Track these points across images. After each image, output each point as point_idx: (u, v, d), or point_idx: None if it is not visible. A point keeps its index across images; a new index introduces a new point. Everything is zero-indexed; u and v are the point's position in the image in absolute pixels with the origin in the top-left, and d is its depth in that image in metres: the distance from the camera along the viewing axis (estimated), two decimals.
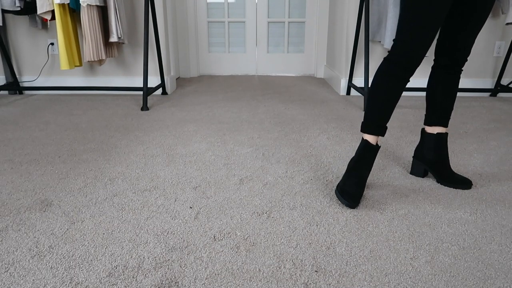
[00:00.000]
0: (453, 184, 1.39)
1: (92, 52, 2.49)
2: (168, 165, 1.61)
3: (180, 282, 0.90)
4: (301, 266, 0.96)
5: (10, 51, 3.02)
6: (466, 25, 1.29)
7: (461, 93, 3.04)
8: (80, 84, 3.09)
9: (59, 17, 2.42)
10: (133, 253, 1.01)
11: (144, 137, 1.96)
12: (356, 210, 1.24)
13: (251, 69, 4.07)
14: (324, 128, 2.13)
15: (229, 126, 2.15)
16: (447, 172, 1.42)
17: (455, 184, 1.39)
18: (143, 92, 2.55)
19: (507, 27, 2.92)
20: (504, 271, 0.95)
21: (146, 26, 2.57)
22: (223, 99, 2.87)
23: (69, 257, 0.99)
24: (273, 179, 1.47)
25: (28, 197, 1.32)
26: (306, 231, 1.12)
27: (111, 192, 1.36)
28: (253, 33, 3.95)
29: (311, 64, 4.03)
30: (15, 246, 1.04)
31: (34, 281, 0.90)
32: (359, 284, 0.90)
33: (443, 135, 1.42)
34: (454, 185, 1.39)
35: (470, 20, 1.28)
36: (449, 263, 0.98)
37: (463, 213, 1.22)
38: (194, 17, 3.83)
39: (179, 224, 1.15)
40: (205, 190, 1.38)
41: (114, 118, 2.32)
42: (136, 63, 3.05)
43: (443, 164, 1.43)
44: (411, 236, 1.09)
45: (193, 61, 3.95)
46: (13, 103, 2.71)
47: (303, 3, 3.84)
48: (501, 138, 1.97)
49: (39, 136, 1.98)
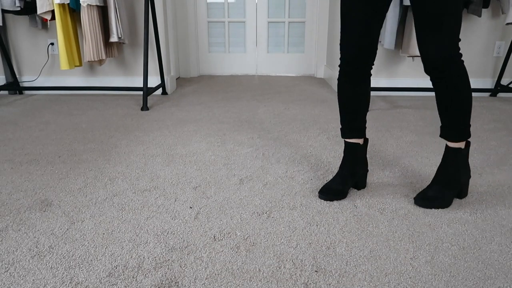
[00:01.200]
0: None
1: (92, 52, 2.49)
2: (168, 165, 1.61)
3: (180, 282, 0.90)
4: (301, 266, 0.96)
5: (10, 51, 3.02)
6: (417, 22, 1.14)
7: None
8: (80, 84, 3.09)
9: (59, 17, 2.42)
10: (133, 253, 1.01)
11: (144, 137, 1.96)
12: (356, 210, 1.24)
13: (251, 69, 4.07)
14: (324, 128, 2.13)
15: (229, 126, 2.15)
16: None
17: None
18: (143, 92, 2.55)
19: (507, 27, 2.92)
20: (504, 271, 0.95)
21: (146, 26, 2.57)
22: (223, 99, 2.87)
23: (69, 257, 0.99)
24: (273, 179, 1.47)
25: (28, 197, 1.32)
26: (306, 231, 1.12)
27: (111, 192, 1.36)
28: (253, 33, 3.95)
29: (311, 64, 4.03)
30: (15, 246, 1.04)
31: (34, 281, 0.90)
32: (359, 284, 0.90)
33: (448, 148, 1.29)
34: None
35: (419, 16, 1.13)
36: (449, 263, 0.98)
37: (463, 213, 1.22)
38: (194, 17, 3.83)
39: (179, 224, 1.15)
40: (205, 190, 1.38)
41: (114, 118, 2.32)
42: (136, 63, 3.05)
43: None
44: (411, 236, 1.09)
45: (193, 61, 3.95)
46: (13, 103, 2.71)
47: (303, 3, 3.84)
48: (501, 138, 1.97)
49: (39, 136, 1.98)
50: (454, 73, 1.15)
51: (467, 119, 1.21)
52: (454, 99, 1.18)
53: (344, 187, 1.32)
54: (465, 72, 1.17)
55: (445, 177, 1.27)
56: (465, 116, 1.21)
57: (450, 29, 1.09)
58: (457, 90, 1.17)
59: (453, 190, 1.26)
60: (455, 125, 1.22)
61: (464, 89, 1.17)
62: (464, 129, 1.22)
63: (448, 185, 1.26)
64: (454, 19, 1.09)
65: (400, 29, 2.67)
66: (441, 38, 1.10)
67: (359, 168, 1.36)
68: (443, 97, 1.20)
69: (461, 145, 1.25)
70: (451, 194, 1.26)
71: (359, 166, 1.36)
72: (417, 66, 3.01)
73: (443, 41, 1.10)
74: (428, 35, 1.11)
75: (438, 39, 1.10)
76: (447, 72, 1.15)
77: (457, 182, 1.26)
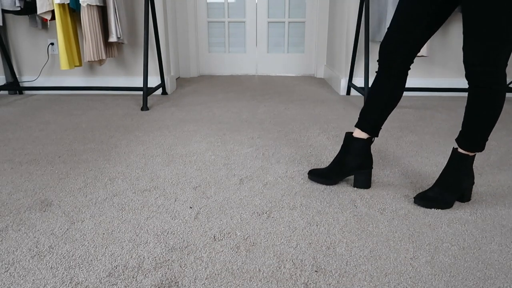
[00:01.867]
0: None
1: (92, 52, 2.49)
2: (168, 165, 1.61)
3: (180, 282, 0.91)
4: (301, 266, 0.96)
5: (10, 51, 3.02)
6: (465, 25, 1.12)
7: (461, 93, 3.03)
8: (80, 84, 3.09)
9: (59, 17, 2.42)
10: (133, 253, 1.01)
11: (144, 137, 1.96)
12: (356, 210, 1.24)
13: (251, 69, 4.07)
14: (324, 128, 2.13)
15: (229, 126, 2.15)
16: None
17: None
18: (143, 92, 2.55)
19: None
20: (504, 271, 0.95)
21: (146, 26, 2.57)
22: (223, 99, 2.87)
23: (69, 257, 0.99)
24: (273, 179, 1.47)
25: (28, 197, 1.32)
26: (306, 231, 1.12)
27: (111, 192, 1.36)
28: (253, 33, 3.95)
29: (311, 64, 4.03)
30: (15, 246, 1.04)
31: (34, 281, 0.90)
32: (359, 284, 0.90)
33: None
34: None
35: (465, 23, 1.11)
36: (449, 263, 0.98)
37: (463, 213, 1.22)
38: (194, 17, 3.83)
39: (179, 224, 1.15)
40: (205, 190, 1.38)
41: (114, 118, 2.32)
42: (136, 63, 3.05)
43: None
44: (411, 236, 1.09)
45: (193, 61, 3.95)
46: (13, 103, 2.71)
47: (303, 3, 3.84)
48: (501, 138, 1.97)
49: (39, 136, 1.98)
50: (488, 86, 1.13)
51: (486, 134, 1.21)
52: (480, 112, 1.18)
53: (329, 172, 1.40)
54: (502, 89, 1.14)
55: (447, 180, 1.27)
56: (485, 131, 1.20)
57: (495, 43, 1.07)
58: (486, 104, 1.16)
59: (454, 194, 1.26)
60: (472, 136, 1.21)
61: (493, 106, 1.16)
62: (479, 142, 1.21)
63: (449, 188, 1.26)
64: (506, 34, 1.06)
65: None
66: (484, 49, 1.08)
67: (350, 160, 1.38)
68: (471, 105, 1.19)
69: (469, 152, 1.24)
70: (451, 197, 1.25)
71: (349, 156, 1.39)
72: (417, 66, 3.01)
73: (486, 54, 1.09)
74: (472, 42, 1.10)
75: (480, 49, 1.09)
76: (482, 83, 1.14)
77: (459, 186, 1.26)
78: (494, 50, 1.08)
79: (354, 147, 1.37)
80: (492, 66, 1.10)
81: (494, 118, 1.18)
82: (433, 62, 3.00)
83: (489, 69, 1.10)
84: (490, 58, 1.09)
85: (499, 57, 1.09)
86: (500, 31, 1.05)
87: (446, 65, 3.00)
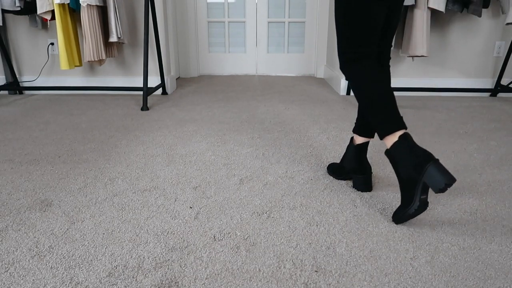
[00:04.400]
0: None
1: (92, 52, 2.49)
2: (168, 165, 1.61)
3: (180, 282, 0.91)
4: (301, 266, 0.96)
5: (10, 51, 3.02)
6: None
7: (461, 93, 3.04)
8: (80, 84, 3.09)
9: (59, 17, 2.42)
10: (133, 253, 1.01)
11: (144, 137, 1.96)
12: (356, 210, 1.24)
13: (251, 69, 4.07)
14: (324, 128, 2.13)
15: (229, 126, 2.15)
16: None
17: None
18: (143, 92, 2.55)
19: (507, 27, 2.92)
20: (504, 271, 0.95)
21: (146, 26, 2.57)
22: (223, 99, 2.87)
23: (69, 257, 0.99)
24: (273, 179, 1.47)
25: (28, 197, 1.32)
26: (306, 231, 1.12)
27: (111, 192, 1.36)
28: (253, 33, 3.95)
29: (311, 64, 4.03)
30: (15, 246, 1.04)
31: (34, 281, 0.90)
32: (359, 284, 0.90)
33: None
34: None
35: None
36: (449, 263, 0.98)
37: (463, 213, 1.22)
38: (194, 17, 3.83)
39: (179, 224, 1.15)
40: (205, 190, 1.38)
41: (114, 118, 2.32)
42: (136, 63, 3.05)
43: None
44: (411, 236, 1.09)
45: (193, 61, 3.95)
46: (13, 103, 2.71)
47: (303, 3, 3.84)
48: (501, 138, 1.97)
49: (39, 136, 1.98)
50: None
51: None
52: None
53: (338, 169, 1.47)
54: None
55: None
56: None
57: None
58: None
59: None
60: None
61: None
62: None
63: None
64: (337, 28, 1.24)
65: (400, 29, 2.67)
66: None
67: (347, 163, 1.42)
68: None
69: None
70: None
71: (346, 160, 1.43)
72: (417, 66, 3.01)
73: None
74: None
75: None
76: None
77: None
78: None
79: (348, 150, 1.42)
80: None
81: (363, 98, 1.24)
82: (432, 62, 3.00)
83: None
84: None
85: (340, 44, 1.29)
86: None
87: (445, 65, 3.01)
